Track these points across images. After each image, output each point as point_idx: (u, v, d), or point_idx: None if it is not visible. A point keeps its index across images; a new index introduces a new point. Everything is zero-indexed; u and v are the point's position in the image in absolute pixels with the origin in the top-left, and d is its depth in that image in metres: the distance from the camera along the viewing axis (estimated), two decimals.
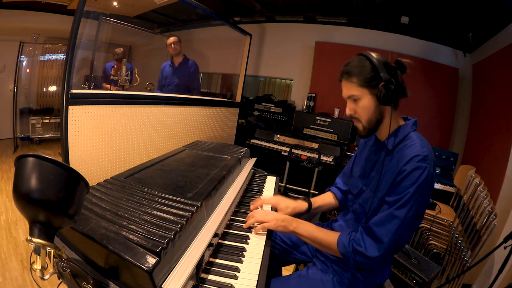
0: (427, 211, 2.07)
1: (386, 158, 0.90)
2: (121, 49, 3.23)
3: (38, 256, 0.53)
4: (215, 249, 0.90)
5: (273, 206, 1.15)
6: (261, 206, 1.16)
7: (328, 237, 0.93)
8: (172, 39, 2.62)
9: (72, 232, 0.68)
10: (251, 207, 1.14)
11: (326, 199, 1.23)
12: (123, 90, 2.87)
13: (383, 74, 0.83)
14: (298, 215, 1.13)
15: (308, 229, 0.96)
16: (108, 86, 3.02)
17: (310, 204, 1.16)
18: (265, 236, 0.99)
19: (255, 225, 1.02)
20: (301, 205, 1.15)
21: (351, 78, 0.88)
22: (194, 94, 2.71)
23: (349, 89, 0.89)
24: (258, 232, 1.01)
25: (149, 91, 3.03)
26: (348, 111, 0.93)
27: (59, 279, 0.71)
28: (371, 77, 0.85)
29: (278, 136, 3.21)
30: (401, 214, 0.80)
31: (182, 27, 4.64)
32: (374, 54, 0.86)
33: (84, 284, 0.64)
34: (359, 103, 0.89)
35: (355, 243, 0.86)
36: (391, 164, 0.87)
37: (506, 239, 1.35)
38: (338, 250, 0.89)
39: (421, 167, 0.79)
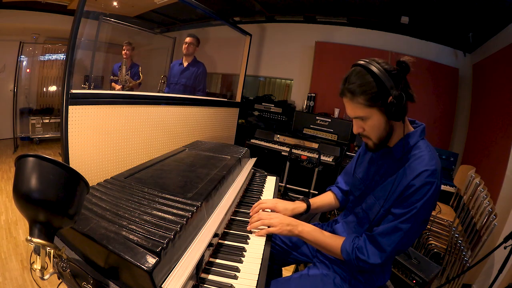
0: None
1: (392, 166, 0.89)
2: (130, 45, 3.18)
3: (38, 256, 0.53)
4: (215, 249, 0.90)
5: (271, 210, 1.14)
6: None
7: (333, 242, 0.94)
8: (189, 39, 2.60)
9: (72, 232, 0.68)
10: (251, 213, 1.12)
11: (326, 199, 1.21)
12: (123, 89, 2.87)
13: (392, 89, 0.77)
14: (297, 216, 1.13)
15: (313, 233, 0.96)
16: (118, 86, 2.99)
17: (308, 205, 1.15)
18: (265, 237, 0.99)
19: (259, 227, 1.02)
20: (300, 206, 1.14)
21: (356, 99, 0.81)
22: (199, 96, 2.70)
23: (354, 110, 0.83)
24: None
25: (163, 83, 3.11)
26: (355, 130, 0.88)
27: (59, 279, 0.71)
28: (378, 93, 0.78)
29: (278, 136, 3.21)
30: (406, 227, 0.80)
31: (182, 27, 4.65)
32: (375, 64, 0.78)
33: (84, 284, 0.64)
34: (367, 122, 0.84)
35: (358, 251, 0.87)
36: (398, 174, 0.85)
37: (506, 239, 1.35)
38: (342, 256, 0.91)
39: (429, 183, 0.77)
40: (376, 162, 0.99)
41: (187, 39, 2.61)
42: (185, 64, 2.68)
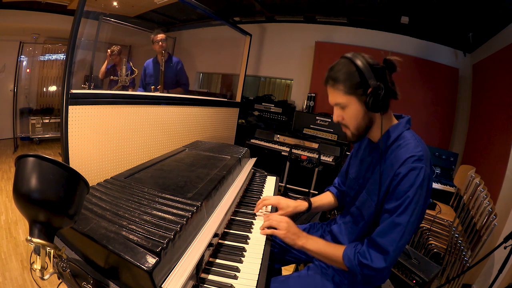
0: (427, 211, 2.06)
1: (379, 160, 0.89)
2: (118, 47, 3.15)
3: (38, 256, 0.53)
4: (215, 249, 0.90)
5: (274, 206, 1.16)
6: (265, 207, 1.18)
7: (335, 251, 0.91)
8: (162, 36, 2.56)
9: (72, 232, 0.68)
10: (255, 211, 1.16)
11: (325, 198, 1.23)
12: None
13: (370, 80, 0.79)
14: (298, 214, 1.14)
15: (316, 245, 0.95)
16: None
17: (310, 204, 1.17)
18: (265, 236, 0.99)
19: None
20: (301, 204, 1.15)
21: (337, 85, 0.84)
22: (184, 88, 2.74)
23: (335, 96, 0.86)
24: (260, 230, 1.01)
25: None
26: (335, 118, 0.90)
27: (59, 279, 0.71)
28: (358, 83, 0.81)
29: (278, 136, 3.21)
30: (404, 220, 0.78)
31: (182, 27, 4.64)
32: (360, 57, 0.82)
33: (84, 284, 0.64)
34: (346, 110, 0.86)
35: (361, 255, 0.84)
36: (384, 166, 0.85)
37: (506, 239, 1.35)
38: (344, 263, 0.88)
39: (416, 168, 0.77)
40: (365, 160, 0.99)
41: (161, 36, 2.54)
42: (162, 62, 2.61)
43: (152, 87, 2.48)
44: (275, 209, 1.16)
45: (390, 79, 0.84)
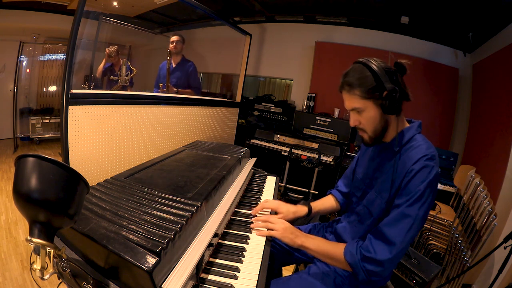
0: None
1: (391, 159, 0.90)
2: (115, 47, 3.14)
3: (38, 256, 0.53)
4: (215, 249, 0.90)
5: (273, 211, 1.15)
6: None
7: (336, 249, 0.92)
8: (175, 37, 2.64)
9: (72, 232, 0.68)
10: (253, 213, 1.14)
11: (326, 203, 1.22)
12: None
13: (387, 83, 0.81)
14: (297, 219, 1.14)
15: (316, 243, 0.95)
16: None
17: (310, 209, 1.16)
18: (265, 237, 0.99)
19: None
20: (301, 209, 1.15)
21: (353, 91, 0.85)
22: (195, 92, 2.74)
23: (351, 101, 0.87)
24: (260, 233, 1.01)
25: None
26: (352, 123, 0.92)
27: (59, 279, 0.71)
28: (374, 87, 0.82)
29: (278, 136, 3.21)
30: (413, 211, 0.78)
31: (182, 27, 4.64)
32: (374, 62, 0.83)
33: (84, 284, 0.64)
34: (363, 114, 0.87)
35: (363, 249, 0.84)
36: (397, 165, 0.86)
37: (506, 239, 1.35)
38: (346, 260, 0.87)
39: (429, 166, 0.79)
40: (374, 160, 1.00)
41: (174, 38, 2.63)
42: (174, 63, 2.68)
43: (161, 84, 2.52)
44: (274, 213, 1.15)
45: (402, 82, 0.86)
